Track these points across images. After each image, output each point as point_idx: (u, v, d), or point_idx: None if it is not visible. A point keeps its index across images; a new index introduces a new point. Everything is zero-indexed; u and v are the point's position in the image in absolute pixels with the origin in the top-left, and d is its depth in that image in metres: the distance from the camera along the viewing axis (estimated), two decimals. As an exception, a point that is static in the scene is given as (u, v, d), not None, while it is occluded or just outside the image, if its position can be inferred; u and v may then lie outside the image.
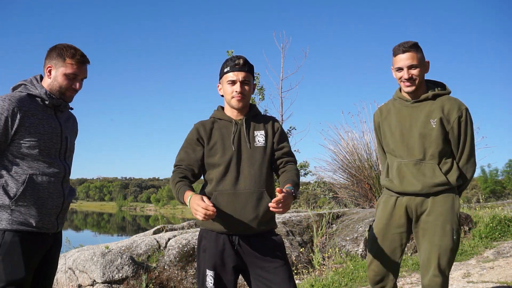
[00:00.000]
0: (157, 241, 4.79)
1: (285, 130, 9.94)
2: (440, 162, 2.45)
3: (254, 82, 2.33)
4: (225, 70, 2.22)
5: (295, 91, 24.00)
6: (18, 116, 2.01)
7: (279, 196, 1.95)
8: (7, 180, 2.02)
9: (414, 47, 2.44)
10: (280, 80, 10.21)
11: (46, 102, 2.12)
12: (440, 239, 2.38)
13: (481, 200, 11.16)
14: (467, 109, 2.49)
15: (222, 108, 2.32)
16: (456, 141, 2.48)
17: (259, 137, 2.23)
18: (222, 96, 2.29)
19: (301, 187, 10.70)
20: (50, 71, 2.14)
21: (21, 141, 2.03)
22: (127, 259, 4.31)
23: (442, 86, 2.56)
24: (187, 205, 2.04)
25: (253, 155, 2.18)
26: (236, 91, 2.18)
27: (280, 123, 2.38)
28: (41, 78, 2.20)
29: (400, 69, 2.46)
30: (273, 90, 11.62)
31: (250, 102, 2.41)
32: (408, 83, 2.46)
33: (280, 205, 1.96)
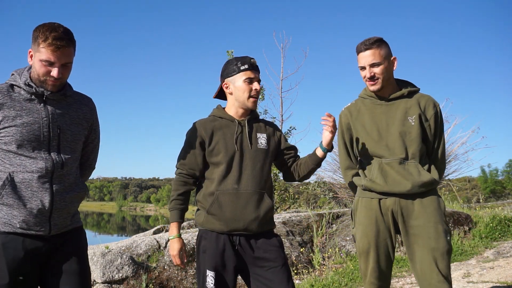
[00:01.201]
0: (157, 241, 4.79)
1: (285, 130, 10.00)
2: (420, 161, 2.35)
3: None
4: (242, 67, 2.19)
5: (295, 91, 24.06)
6: None
7: (327, 121, 2.21)
8: None
9: (376, 44, 2.32)
10: (280, 80, 10.22)
11: (26, 92, 1.91)
12: (435, 242, 2.25)
13: (481, 200, 11.16)
14: (439, 106, 2.44)
15: (222, 108, 2.31)
16: (432, 139, 2.40)
17: (262, 139, 2.24)
18: (230, 93, 2.25)
19: (301, 187, 10.76)
20: (31, 57, 1.91)
21: None
22: (127, 259, 4.31)
23: (411, 84, 2.48)
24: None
25: (256, 156, 2.19)
26: (256, 89, 2.20)
27: (278, 127, 2.42)
28: None
29: (363, 68, 2.35)
30: (273, 90, 11.64)
31: None
32: (371, 82, 2.35)
33: (331, 121, 2.21)
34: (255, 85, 2.20)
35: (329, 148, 2.25)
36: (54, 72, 1.87)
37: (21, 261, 1.84)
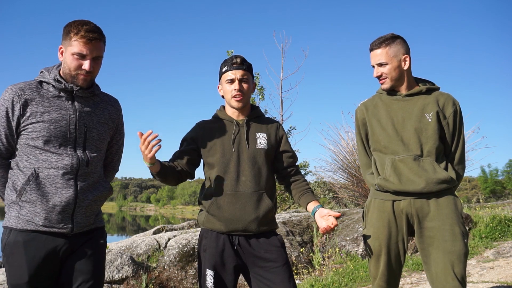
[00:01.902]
0: (157, 241, 4.79)
1: (285, 130, 9.98)
2: (436, 160, 2.27)
3: (254, 82, 2.34)
4: (223, 69, 2.23)
5: (295, 91, 24.16)
6: (18, 105, 1.86)
7: (333, 224, 2.08)
8: (18, 175, 1.90)
9: (385, 43, 2.30)
10: (280, 80, 10.23)
11: (55, 88, 1.93)
12: (452, 244, 2.18)
13: (481, 200, 11.17)
14: (459, 105, 2.38)
15: (224, 108, 2.32)
16: (450, 138, 2.33)
17: (261, 139, 2.22)
18: (223, 97, 2.30)
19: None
20: (62, 53, 1.94)
21: (26, 133, 1.88)
22: (127, 259, 4.31)
23: (430, 82, 2.44)
24: (149, 167, 2.04)
25: (254, 156, 2.18)
26: (235, 89, 2.18)
27: (283, 127, 2.39)
28: None
29: (373, 66, 2.36)
30: (273, 90, 11.67)
31: (251, 103, 2.42)
32: (380, 81, 2.35)
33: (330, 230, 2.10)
34: (235, 85, 2.19)
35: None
36: (86, 65, 1.90)
37: (41, 260, 1.86)
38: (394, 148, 2.31)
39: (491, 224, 6.04)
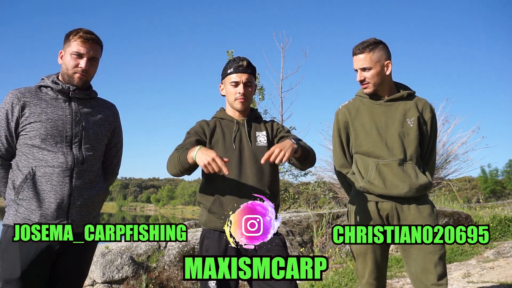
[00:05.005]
0: (157, 241, 4.79)
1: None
2: (416, 163, 2.37)
3: (256, 83, 2.36)
4: (228, 71, 2.24)
5: (295, 91, 24.15)
6: (17, 107, 1.99)
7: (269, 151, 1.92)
8: (17, 175, 1.98)
9: (369, 48, 2.33)
10: (280, 80, 10.22)
11: (52, 90, 2.05)
12: (433, 245, 2.26)
13: (481, 200, 11.18)
14: (434, 110, 2.49)
15: (224, 109, 2.33)
16: (426, 143, 2.43)
17: (261, 137, 2.25)
18: (224, 95, 2.31)
19: (301, 187, 10.74)
20: (62, 57, 2.10)
21: (24, 132, 1.99)
22: (127, 259, 4.31)
23: (407, 87, 2.50)
24: (192, 158, 1.92)
25: (255, 154, 2.19)
26: (239, 93, 2.20)
27: (277, 121, 2.40)
28: None
29: (356, 70, 2.39)
30: (273, 90, 11.65)
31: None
32: (363, 85, 2.39)
33: (273, 156, 1.91)
34: (239, 89, 2.21)
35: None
36: (82, 63, 2.04)
37: (35, 256, 1.91)
38: (378, 153, 2.37)
39: (491, 224, 6.04)
